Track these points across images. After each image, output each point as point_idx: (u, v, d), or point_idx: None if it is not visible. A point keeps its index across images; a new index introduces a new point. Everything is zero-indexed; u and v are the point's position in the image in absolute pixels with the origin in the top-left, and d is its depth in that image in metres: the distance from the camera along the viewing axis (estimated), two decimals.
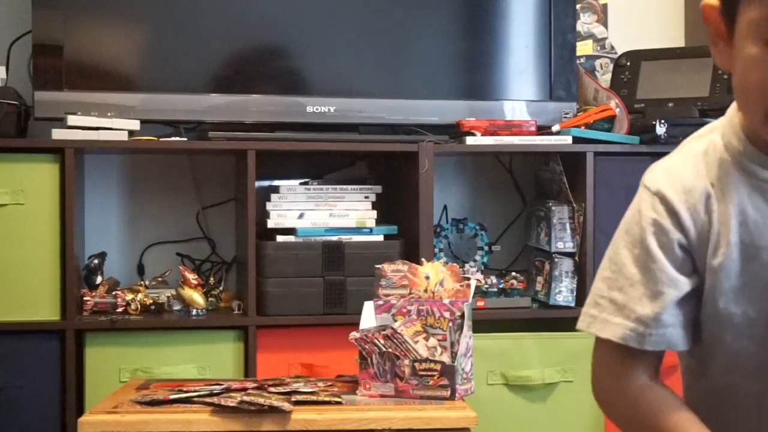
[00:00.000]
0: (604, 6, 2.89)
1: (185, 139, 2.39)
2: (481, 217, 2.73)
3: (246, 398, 1.69)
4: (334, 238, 2.40)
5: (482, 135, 2.46)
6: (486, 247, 2.64)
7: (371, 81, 2.53)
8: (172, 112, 2.41)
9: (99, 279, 2.44)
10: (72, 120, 2.26)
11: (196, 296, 2.39)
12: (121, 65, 2.43)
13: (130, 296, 2.37)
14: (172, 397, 1.78)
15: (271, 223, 2.40)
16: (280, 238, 2.39)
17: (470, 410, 1.74)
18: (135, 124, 2.33)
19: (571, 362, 2.29)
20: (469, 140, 2.45)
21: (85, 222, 2.55)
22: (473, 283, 1.92)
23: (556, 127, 2.51)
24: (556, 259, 2.47)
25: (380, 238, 2.44)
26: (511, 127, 2.49)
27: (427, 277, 1.94)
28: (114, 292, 2.39)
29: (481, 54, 2.59)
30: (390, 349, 1.82)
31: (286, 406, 1.69)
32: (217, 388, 1.81)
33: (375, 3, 2.55)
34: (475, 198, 2.83)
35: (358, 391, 1.84)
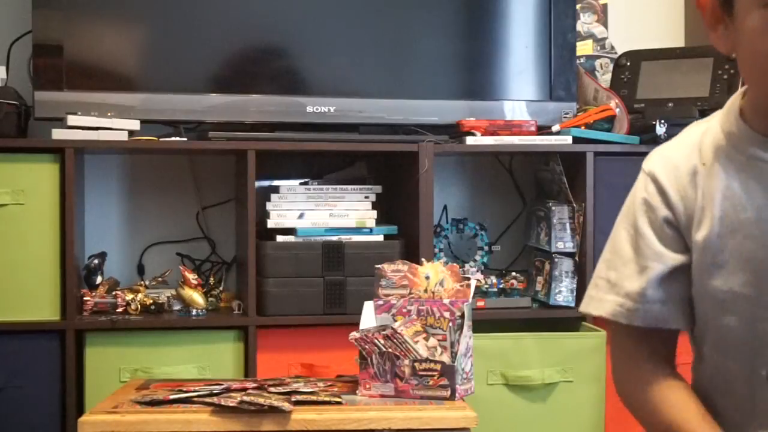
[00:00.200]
0: (604, 6, 2.89)
1: (185, 139, 2.38)
2: (481, 217, 2.73)
3: (246, 398, 1.69)
4: (334, 238, 2.40)
5: (482, 135, 2.46)
6: (486, 247, 2.64)
7: (371, 81, 2.53)
8: (172, 112, 2.41)
9: (99, 279, 2.44)
10: (72, 120, 2.26)
11: (196, 296, 2.39)
12: (121, 65, 2.43)
13: (130, 296, 2.37)
14: (172, 397, 1.78)
15: (271, 223, 2.40)
16: (280, 238, 2.39)
17: (470, 410, 1.74)
18: (135, 124, 2.33)
19: (571, 362, 2.29)
20: (469, 140, 2.45)
21: (85, 222, 2.55)
22: (473, 283, 1.92)
23: (556, 127, 2.51)
24: (556, 259, 2.47)
25: (380, 238, 2.44)
26: (511, 127, 2.49)
27: (427, 277, 1.94)
28: (114, 292, 2.39)
29: (481, 54, 2.59)
30: (390, 349, 1.82)
31: (286, 406, 1.69)
32: (217, 388, 1.81)
33: (375, 3, 2.55)
34: (475, 198, 2.83)
35: (358, 391, 1.84)
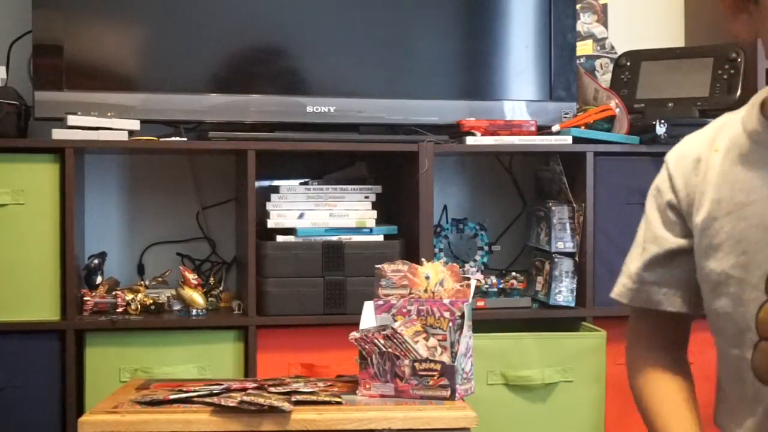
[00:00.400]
0: (604, 6, 2.89)
1: (185, 139, 2.39)
2: (481, 217, 2.72)
3: (246, 398, 1.69)
4: (334, 238, 2.40)
5: (482, 135, 2.46)
6: (486, 247, 2.64)
7: (371, 81, 2.53)
8: (172, 112, 2.41)
9: (99, 279, 2.44)
10: (72, 120, 2.26)
11: (196, 296, 2.39)
12: (121, 65, 2.43)
13: (130, 296, 2.37)
14: (172, 397, 1.78)
15: (271, 223, 2.40)
16: (280, 238, 2.39)
17: (470, 410, 1.74)
18: (135, 124, 2.33)
19: (571, 362, 2.29)
20: (469, 140, 2.45)
21: (85, 222, 2.55)
22: (473, 283, 1.92)
23: (556, 127, 2.51)
24: (556, 259, 2.47)
25: (380, 238, 2.44)
26: (511, 127, 2.49)
27: (427, 277, 1.94)
28: (114, 292, 2.39)
29: (481, 54, 2.59)
30: (390, 349, 1.82)
31: (286, 406, 1.69)
32: (217, 388, 1.81)
33: (375, 3, 2.55)
34: (475, 198, 2.83)
35: (358, 391, 1.84)
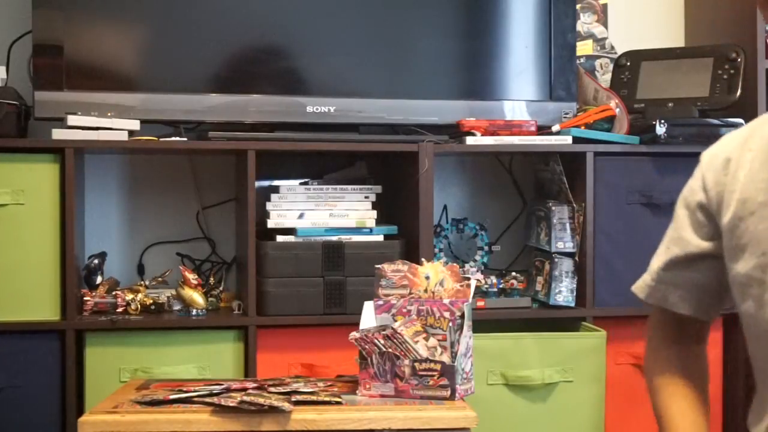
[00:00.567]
0: (604, 6, 2.89)
1: (185, 139, 2.39)
2: (481, 217, 2.72)
3: (246, 398, 1.69)
4: (334, 238, 2.40)
5: (482, 135, 2.46)
6: (486, 247, 2.63)
7: (371, 81, 2.53)
8: (172, 112, 2.41)
9: (99, 279, 2.44)
10: (72, 120, 2.27)
11: (196, 296, 2.39)
12: (121, 65, 2.43)
13: (130, 296, 2.37)
14: (172, 397, 1.78)
15: (271, 223, 2.40)
16: (280, 238, 2.39)
17: (470, 410, 1.74)
18: (135, 124, 2.33)
19: (571, 362, 2.29)
20: (469, 140, 2.45)
21: (85, 222, 2.55)
22: (473, 283, 1.92)
23: (556, 127, 2.51)
24: (556, 259, 2.47)
25: (380, 238, 2.44)
26: (511, 127, 2.49)
27: (427, 277, 1.94)
28: (114, 292, 2.39)
29: (481, 54, 2.59)
30: (390, 349, 1.82)
31: (286, 406, 1.69)
32: (217, 388, 1.81)
33: (375, 3, 2.55)
34: (475, 198, 2.83)
35: (358, 391, 1.84)
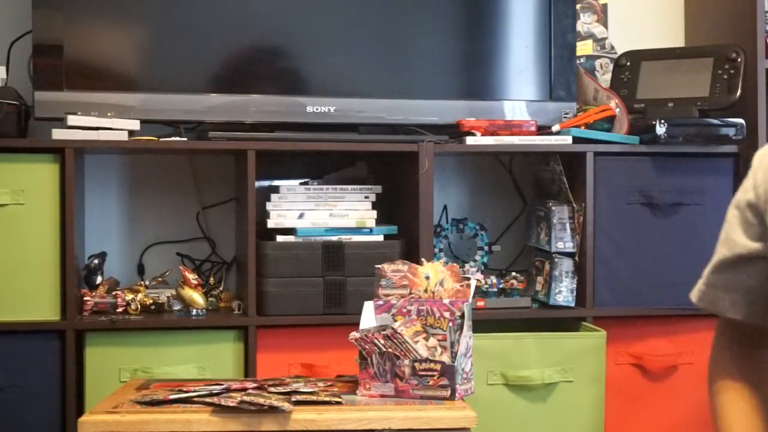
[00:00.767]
0: (604, 6, 2.89)
1: (185, 139, 2.39)
2: (481, 217, 2.72)
3: (246, 398, 1.69)
4: (334, 238, 2.40)
5: (482, 135, 2.46)
6: (486, 247, 2.63)
7: (371, 81, 2.53)
8: (172, 112, 2.41)
9: (99, 279, 2.44)
10: (72, 120, 2.27)
11: (196, 296, 2.39)
12: (121, 65, 2.43)
13: (130, 296, 2.37)
14: (172, 397, 1.78)
15: (271, 223, 2.40)
16: (280, 238, 2.39)
17: (470, 410, 1.74)
18: (135, 124, 2.33)
19: (571, 362, 2.29)
20: (469, 140, 2.45)
21: (85, 222, 2.55)
22: (473, 283, 1.92)
23: (556, 127, 2.51)
24: (556, 259, 2.47)
25: (380, 238, 2.44)
26: (511, 127, 2.49)
27: (427, 277, 1.94)
28: (114, 292, 2.39)
29: (481, 54, 2.59)
30: (390, 349, 1.82)
31: (286, 406, 1.69)
32: (217, 388, 1.81)
33: (375, 3, 2.55)
34: (475, 198, 2.83)
35: (358, 391, 1.84)
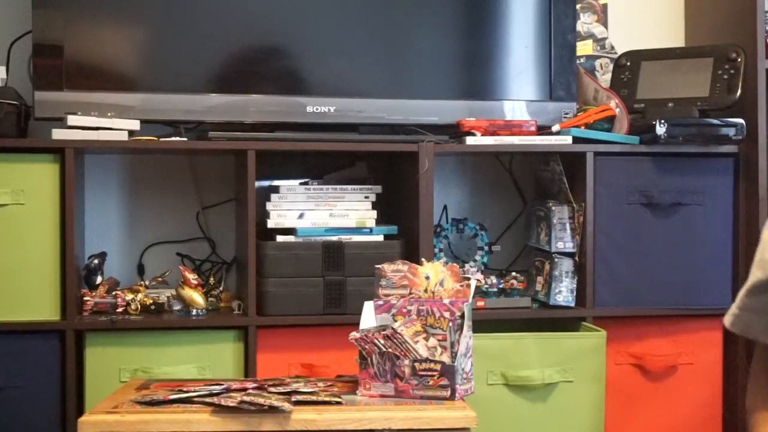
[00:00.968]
0: (604, 6, 2.89)
1: (185, 139, 2.39)
2: (481, 217, 2.72)
3: (246, 398, 1.69)
4: (334, 238, 2.40)
5: (482, 135, 2.46)
6: (486, 247, 2.63)
7: (371, 81, 2.53)
8: (172, 112, 2.41)
9: (99, 279, 2.44)
10: (72, 120, 2.27)
11: (196, 296, 2.39)
12: (121, 65, 2.43)
13: (130, 296, 2.37)
14: (172, 397, 1.78)
15: (271, 223, 2.40)
16: (280, 238, 2.39)
17: (470, 410, 1.74)
18: (135, 124, 2.33)
19: (571, 362, 2.29)
20: (469, 140, 2.45)
21: (85, 222, 2.55)
22: (473, 283, 1.92)
23: (556, 127, 2.51)
24: (556, 259, 2.47)
25: (380, 238, 2.44)
26: (511, 127, 2.49)
27: (427, 277, 1.94)
28: (114, 292, 2.39)
29: (481, 54, 2.59)
30: (390, 349, 1.82)
31: (286, 406, 1.69)
32: (217, 388, 1.81)
33: (375, 3, 2.55)
34: (475, 198, 2.83)
35: (358, 391, 1.84)
